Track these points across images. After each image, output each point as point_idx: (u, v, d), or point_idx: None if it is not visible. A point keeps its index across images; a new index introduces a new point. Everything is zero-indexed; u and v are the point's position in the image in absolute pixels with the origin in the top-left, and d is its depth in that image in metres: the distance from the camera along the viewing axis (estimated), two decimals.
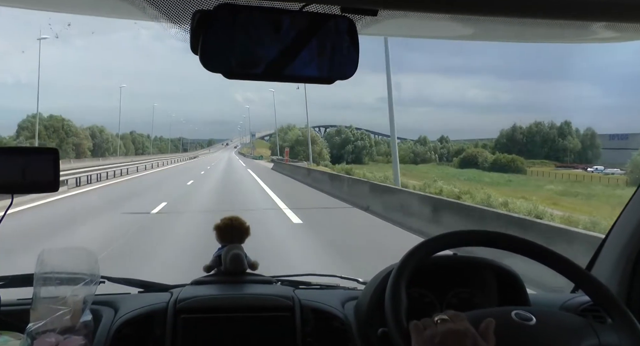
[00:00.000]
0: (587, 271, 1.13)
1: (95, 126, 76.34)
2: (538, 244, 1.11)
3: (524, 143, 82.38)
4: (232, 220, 1.57)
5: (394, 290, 1.01)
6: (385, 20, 0.98)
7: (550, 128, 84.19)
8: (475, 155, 75.23)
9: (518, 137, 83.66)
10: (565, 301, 1.39)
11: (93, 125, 76.15)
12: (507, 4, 0.87)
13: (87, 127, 73.81)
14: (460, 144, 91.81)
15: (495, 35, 1.28)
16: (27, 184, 1.20)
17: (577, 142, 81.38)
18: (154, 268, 6.02)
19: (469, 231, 1.15)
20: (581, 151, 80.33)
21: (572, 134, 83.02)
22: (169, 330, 1.25)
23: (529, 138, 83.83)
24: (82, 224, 10.08)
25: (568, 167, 74.24)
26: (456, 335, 0.85)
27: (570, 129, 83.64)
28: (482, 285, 1.33)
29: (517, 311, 0.99)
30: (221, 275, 1.52)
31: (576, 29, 1.07)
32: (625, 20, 0.98)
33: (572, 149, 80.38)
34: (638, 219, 1.45)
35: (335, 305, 1.36)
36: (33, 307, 1.10)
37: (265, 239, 7.55)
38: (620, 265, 1.48)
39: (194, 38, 0.87)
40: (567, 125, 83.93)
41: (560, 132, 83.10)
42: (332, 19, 0.92)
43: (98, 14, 1.14)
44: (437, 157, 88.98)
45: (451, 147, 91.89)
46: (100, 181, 23.08)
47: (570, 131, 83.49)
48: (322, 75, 0.95)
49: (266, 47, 0.90)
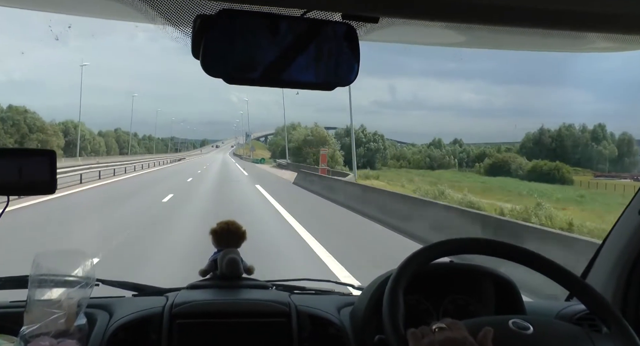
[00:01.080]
0: (583, 280, 1.14)
1: (71, 121, 63.87)
2: (535, 252, 1.12)
3: (553, 148, 72.06)
4: (228, 224, 1.57)
5: (391, 297, 1.01)
6: (385, 27, 0.98)
7: (582, 132, 75.03)
8: (507, 161, 65.02)
9: (546, 141, 74.37)
10: (561, 310, 1.40)
11: (67, 121, 64.22)
12: (505, 14, 0.88)
13: (61, 122, 62.89)
14: (481, 148, 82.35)
15: (492, 43, 1.30)
16: (23, 186, 1.20)
17: (613, 147, 72.89)
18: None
19: (465, 239, 1.15)
20: (616, 158, 72.61)
21: (607, 139, 74.14)
22: (165, 335, 1.24)
23: (558, 143, 73.88)
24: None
25: (609, 176, 64.25)
26: (454, 344, 0.85)
27: (604, 133, 74.69)
28: (479, 293, 1.33)
29: (514, 320, 0.99)
30: (217, 280, 1.51)
31: (571, 39, 1.08)
32: (620, 31, 0.99)
33: (608, 156, 71.70)
34: (633, 228, 1.46)
35: (331, 310, 1.35)
36: (27, 310, 1.09)
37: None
38: (615, 274, 1.49)
39: (195, 43, 0.87)
40: (600, 129, 74.90)
41: (594, 136, 74.00)
42: (333, 25, 0.92)
43: (100, 16, 1.14)
44: (457, 162, 79.69)
45: (472, 151, 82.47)
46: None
47: (605, 135, 74.52)
48: (322, 81, 0.95)
49: (267, 53, 0.90)
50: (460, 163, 79.26)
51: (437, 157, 79.87)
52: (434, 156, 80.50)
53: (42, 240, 7.87)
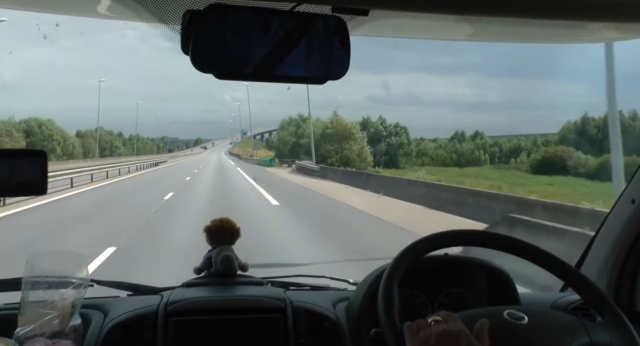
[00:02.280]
0: (577, 270, 1.14)
1: (36, 119, 53.40)
2: (529, 243, 1.12)
3: (599, 140, 55.85)
4: (222, 222, 1.56)
5: (386, 291, 1.01)
6: (376, 20, 0.98)
7: (632, 120, 59.03)
8: (561, 156, 50.36)
9: (591, 131, 59.61)
10: (555, 300, 1.41)
11: (31, 118, 53.38)
12: (500, 3, 0.87)
13: (23, 121, 52.38)
14: (513, 141, 67.88)
15: (487, 35, 1.29)
16: (14, 186, 1.19)
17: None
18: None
19: (459, 231, 1.16)
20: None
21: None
22: (160, 333, 1.24)
23: (604, 133, 52.00)
24: None
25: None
26: (450, 336, 0.85)
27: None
28: (473, 285, 1.33)
29: (509, 311, 1.00)
30: (212, 277, 1.51)
31: (573, 29, 1.07)
32: (624, 20, 0.97)
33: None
34: (626, 218, 1.47)
35: (327, 305, 1.35)
36: (21, 312, 1.09)
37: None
38: (609, 263, 1.49)
39: (185, 39, 0.87)
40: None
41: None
42: (323, 19, 0.92)
43: (88, 15, 1.13)
44: (487, 157, 64.64)
45: (504, 144, 67.61)
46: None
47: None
48: (313, 75, 0.95)
49: (257, 48, 0.90)
50: (492, 158, 64.96)
51: (465, 153, 65.11)
52: (461, 152, 65.53)
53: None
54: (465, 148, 65.46)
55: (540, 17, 0.94)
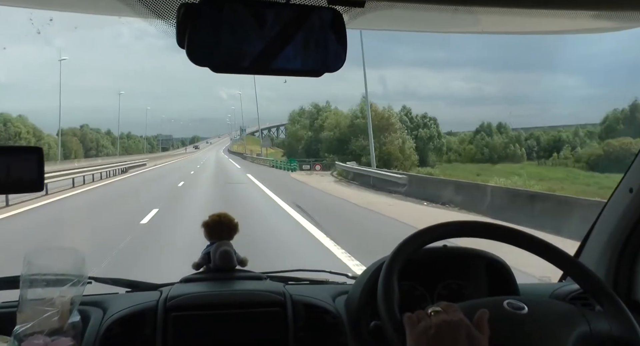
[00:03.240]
0: (576, 259, 1.14)
1: (1, 114, 46.71)
2: (527, 233, 1.12)
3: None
4: (220, 217, 1.56)
5: (386, 283, 1.01)
6: (372, 12, 0.98)
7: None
8: (629, 150, 39.39)
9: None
10: (555, 290, 1.41)
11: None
12: None
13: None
14: (550, 133, 59.06)
15: (483, 27, 1.28)
16: (10, 183, 1.18)
17: None
18: None
19: (458, 222, 1.16)
20: None
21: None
22: (160, 329, 1.24)
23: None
24: None
25: None
26: (450, 326, 0.85)
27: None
28: (472, 276, 1.34)
29: (509, 301, 1.00)
30: (210, 272, 1.51)
31: (564, 19, 1.07)
32: (617, 8, 0.97)
33: None
34: (624, 207, 1.47)
35: (326, 299, 1.36)
36: (20, 309, 1.08)
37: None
38: (607, 252, 1.50)
39: (180, 32, 0.86)
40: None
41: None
42: (319, 11, 0.91)
43: (82, 11, 1.12)
44: (525, 152, 55.82)
45: (541, 137, 58.79)
46: None
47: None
48: (309, 68, 0.95)
49: (253, 41, 0.89)
50: (529, 153, 56.25)
51: (498, 147, 55.80)
52: (492, 145, 56.29)
53: None
54: (496, 141, 56.80)
55: (534, 6, 0.94)
